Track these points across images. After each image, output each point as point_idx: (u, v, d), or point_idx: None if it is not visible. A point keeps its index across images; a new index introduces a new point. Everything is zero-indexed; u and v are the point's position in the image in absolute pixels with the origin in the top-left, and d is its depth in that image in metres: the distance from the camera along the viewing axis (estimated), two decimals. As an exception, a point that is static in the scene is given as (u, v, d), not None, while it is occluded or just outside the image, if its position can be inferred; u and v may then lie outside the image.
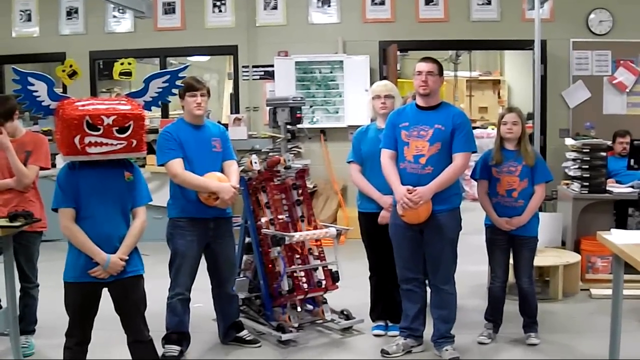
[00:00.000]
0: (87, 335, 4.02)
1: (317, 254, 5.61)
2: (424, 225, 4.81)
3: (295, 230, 5.53)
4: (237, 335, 5.35)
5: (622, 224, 6.88)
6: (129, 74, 9.14)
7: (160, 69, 8.77)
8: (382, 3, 10.02)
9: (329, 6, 10.13)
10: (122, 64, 8.98)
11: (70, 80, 9.38)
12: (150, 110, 4.33)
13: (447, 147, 4.78)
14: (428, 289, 5.12)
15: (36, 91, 3.84)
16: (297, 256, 5.51)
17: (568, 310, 6.11)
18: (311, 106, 9.91)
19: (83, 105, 3.78)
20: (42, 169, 5.20)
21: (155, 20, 10.29)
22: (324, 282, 5.53)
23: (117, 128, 3.78)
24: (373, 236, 5.36)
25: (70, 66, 9.50)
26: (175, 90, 4.32)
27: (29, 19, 10.73)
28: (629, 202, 6.92)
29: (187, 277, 5.03)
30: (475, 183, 5.45)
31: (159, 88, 4.18)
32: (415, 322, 5.07)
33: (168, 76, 4.23)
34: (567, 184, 7.42)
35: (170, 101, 4.43)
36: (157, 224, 5.95)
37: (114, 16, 10.57)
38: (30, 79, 3.81)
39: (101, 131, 3.75)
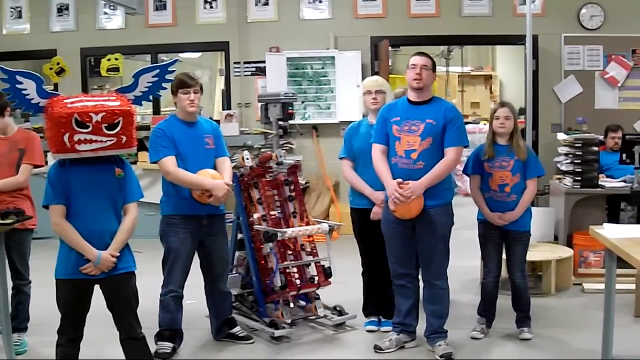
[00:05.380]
0: (79, 332, 4.02)
1: (309, 250, 5.61)
2: (416, 221, 4.81)
3: (288, 226, 5.52)
4: (230, 332, 5.34)
5: (614, 219, 6.88)
6: (116, 69, 9.12)
7: (151, 66, 8.76)
8: (374, -2, 10.03)
9: (320, 2, 10.12)
10: (109, 59, 8.96)
11: (58, 78, 9.36)
12: (141, 105, 4.32)
13: (438, 141, 4.76)
14: (421, 284, 5.11)
15: (25, 89, 3.82)
16: (290, 252, 5.51)
17: (561, 305, 6.12)
18: (303, 102, 9.90)
19: (72, 103, 3.76)
20: (36, 166, 5.19)
21: (146, 16, 10.27)
22: (316, 278, 5.53)
23: (106, 125, 3.76)
24: (365, 232, 5.36)
25: (58, 64, 9.49)
26: (165, 85, 4.30)
27: (20, 16, 10.71)
28: (621, 197, 6.92)
29: (180, 274, 5.02)
30: (468, 178, 5.45)
31: (148, 83, 4.16)
32: (408, 317, 5.07)
33: (157, 70, 4.22)
34: (560, 178, 7.42)
35: (160, 95, 4.41)
36: (150, 220, 5.96)
37: (105, 13, 10.55)
38: (18, 78, 3.80)
39: (90, 128, 3.73)
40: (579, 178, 6.88)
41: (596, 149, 6.92)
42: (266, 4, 10.19)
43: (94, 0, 9.98)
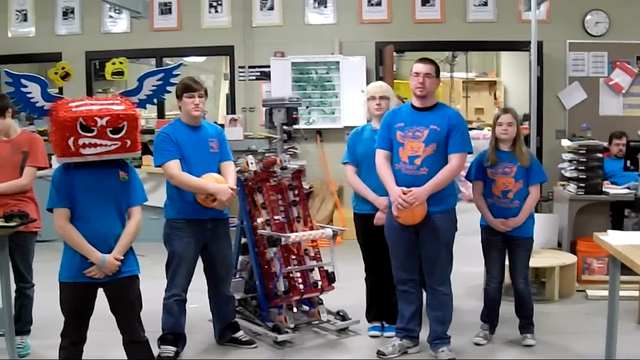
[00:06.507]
0: (82, 336, 4.02)
1: (313, 254, 5.61)
2: (420, 227, 4.81)
3: (291, 231, 5.52)
4: (233, 336, 5.34)
5: (618, 225, 6.88)
6: (121, 73, 9.14)
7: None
8: (379, 4, 10.03)
9: (325, 7, 10.13)
10: (113, 63, 8.97)
11: (63, 82, 9.39)
12: (145, 108, 4.34)
13: (442, 148, 4.77)
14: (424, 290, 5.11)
15: (30, 93, 3.83)
16: (293, 257, 5.51)
17: (564, 312, 6.11)
18: (307, 107, 9.91)
19: (76, 107, 3.77)
20: (40, 168, 5.19)
21: (151, 20, 10.30)
22: (320, 283, 5.52)
23: (110, 129, 3.77)
24: (368, 237, 5.36)
25: (63, 68, 9.52)
26: (170, 88, 4.32)
27: (25, 19, 10.72)
28: (625, 204, 6.92)
29: (183, 278, 5.02)
30: (471, 184, 5.45)
31: (153, 86, 4.17)
32: (411, 323, 5.06)
33: (162, 74, 4.23)
34: (564, 185, 7.41)
35: (165, 99, 4.43)
36: (153, 224, 5.96)
37: (110, 16, 10.57)
38: (23, 81, 3.81)
39: (95, 132, 3.74)
40: (583, 184, 6.87)
41: (600, 155, 6.91)
42: (271, 8, 10.20)
43: (99, 3, 9.98)
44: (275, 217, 5.53)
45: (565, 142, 7.62)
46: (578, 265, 6.64)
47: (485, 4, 9.87)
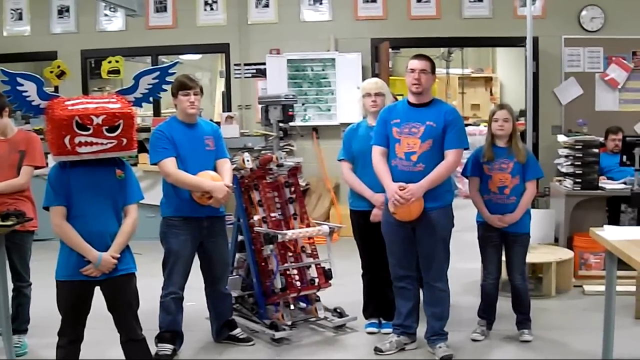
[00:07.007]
0: (79, 334, 4.02)
1: (310, 251, 5.61)
2: (416, 223, 4.81)
3: (288, 228, 5.52)
4: (230, 334, 5.34)
5: (614, 221, 6.88)
6: (117, 71, 9.15)
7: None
8: (374, 0, 10.02)
9: (321, 4, 10.12)
10: (109, 62, 8.98)
11: (59, 81, 9.38)
12: (141, 106, 4.34)
13: (438, 144, 4.77)
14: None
15: (26, 91, 3.83)
16: (290, 254, 5.50)
17: (561, 307, 6.12)
18: (303, 104, 9.90)
19: (72, 105, 3.77)
20: (37, 167, 5.19)
21: (146, 18, 10.27)
22: (317, 280, 5.52)
23: (106, 127, 3.77)
24: (365, 234, 5.36)
25: (58, 67, 9.52)
26: (165, 87, 4.32)
27: (20, 18, 10.69)
28: (621, 199, 6.91)
29: (180, 276, 5.02)
30: (467, 180, 5.44)
31: (149, 84, 4.18)
32: (408, 319, 5.07)
33: (158, 72, 4.24)
34: (560, 180, 7.42)
35: (161, 97, 4.42)
36: (150, 222, 5.97)
37: (106, 15, 10.54)
38: (19, 80, 3.81)
39: (91, 131, 3.74)
40: (580, 180, 6.87)
41: (596, 150, 6.91)
42: (266, 5, 10.19)
43: (95, 2, 9.95)
44: (272, 215, 5.53)
45: (562, 138, 7.63)
46: (575, 260, 6.65)
47: (481, 0, 9.87)
